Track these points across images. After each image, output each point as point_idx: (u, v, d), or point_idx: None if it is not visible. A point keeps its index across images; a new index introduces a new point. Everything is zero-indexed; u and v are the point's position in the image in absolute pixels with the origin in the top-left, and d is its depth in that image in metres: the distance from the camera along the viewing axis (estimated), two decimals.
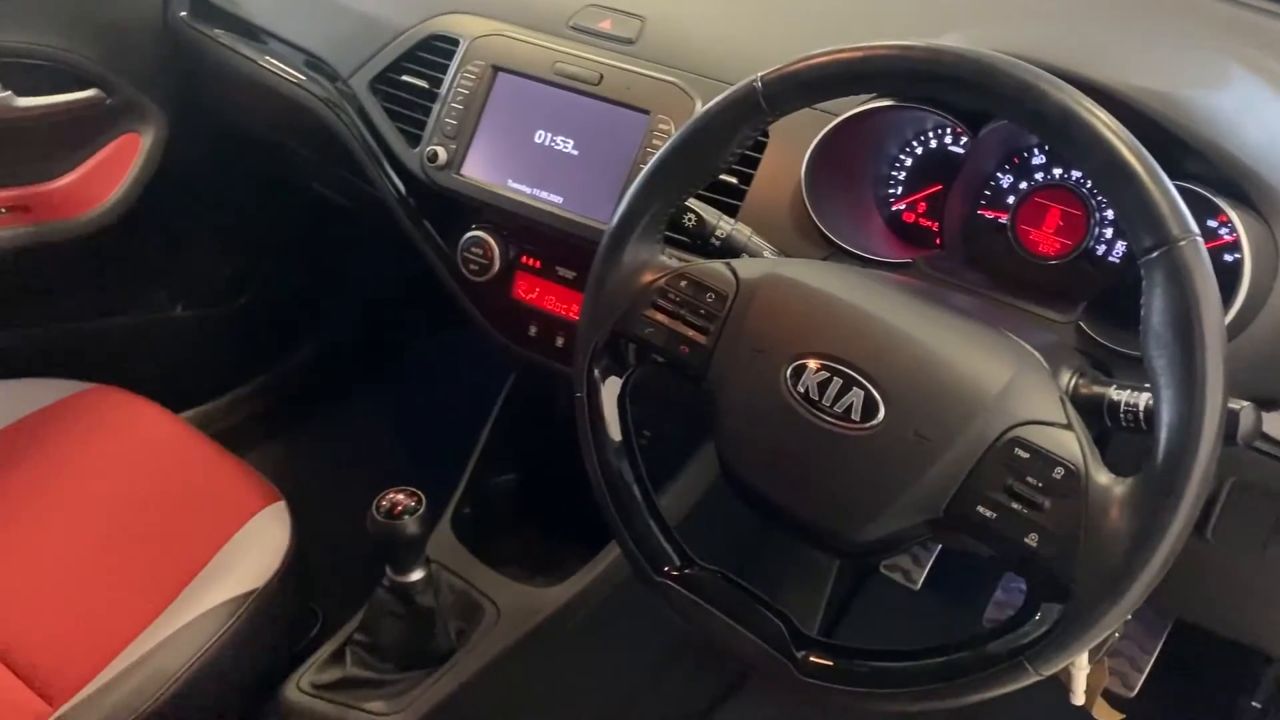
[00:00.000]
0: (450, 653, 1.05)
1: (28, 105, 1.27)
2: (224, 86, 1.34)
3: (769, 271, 0.71)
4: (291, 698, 1.02)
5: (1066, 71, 0.66)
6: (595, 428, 0.77)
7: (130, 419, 1.19)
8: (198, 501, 1.10)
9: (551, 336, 1.07)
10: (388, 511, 0.96)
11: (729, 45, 0.99)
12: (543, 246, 1.06)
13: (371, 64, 1.13)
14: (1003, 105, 0.61)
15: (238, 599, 1.00)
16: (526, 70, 1.03)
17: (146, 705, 0.92)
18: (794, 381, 0.66)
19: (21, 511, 1.08)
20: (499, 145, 1.04)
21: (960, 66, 0.61)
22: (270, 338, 1.74)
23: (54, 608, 1.00)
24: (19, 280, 1.36)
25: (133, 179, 1.39)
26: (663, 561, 0.75)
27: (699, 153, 0.73)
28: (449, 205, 1.07)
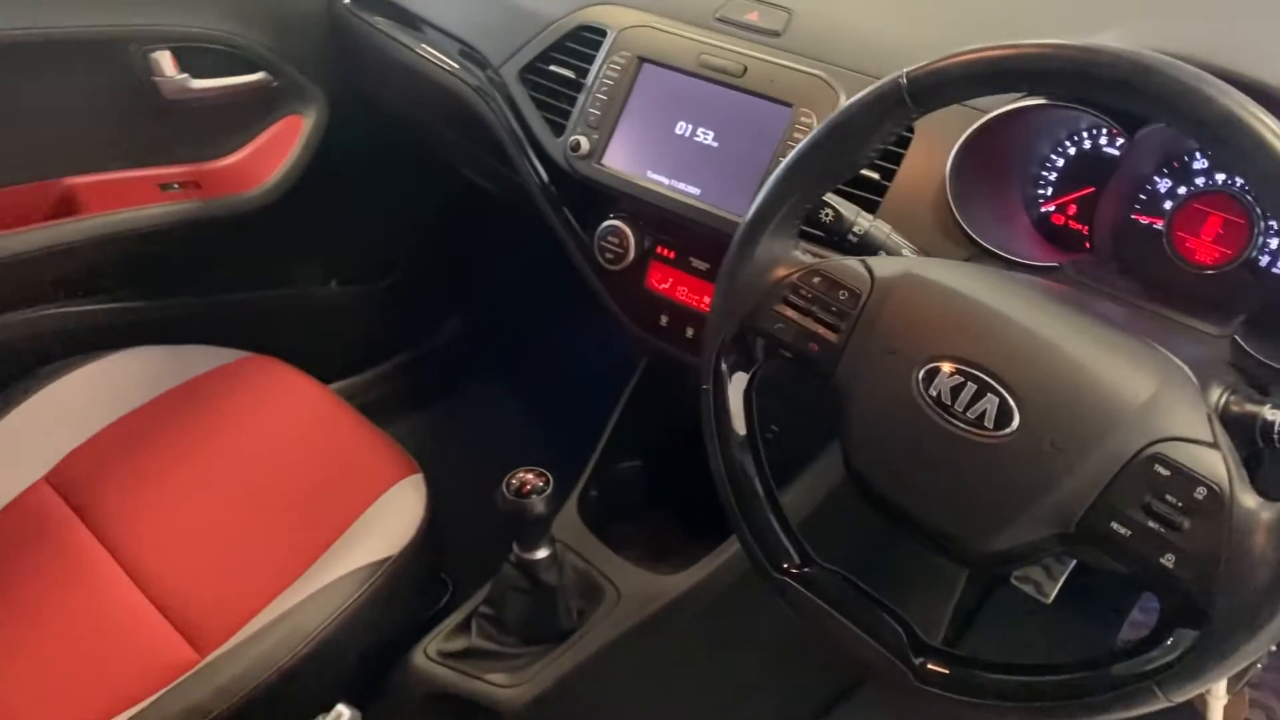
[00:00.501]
0: (570, 631, 1.08)
1: (202, 87, 1.35)
2: (382, 72, 1.40)
3: (906, 270, 0.70)
4: (419, 663, 1.07)
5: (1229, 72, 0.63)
6: (720, 420, 0.77)
7: (283, 388, 1.25)
8: (341, 469, 1.15)
9: (682, 327, 1.08)
10: (517, 490, 0.99)
11: (877, 39, 0.97)
12: (678, 237, 1.07)
13: (521, 53, 1.16)
14: (1161, 108, 0.59)
15: (374, 564, 1.04)
16: (671, 61, 1.04)
17: (284, 659, 0.97)
18: (926, 385, 0.65)
19: (182, 471, 1.15)
20: (640, 136, 1.05)
21: (1116, 67, 0.59)
22: (416, 316, 1.80)
23: (207, 564, 1.06)
24: (188, 251, 1.44)
25: (294, 159, 1.46)
26: (782, 558, 0.75)
27: (839, 147, 0.72)
28: (589, 194, 1.09)
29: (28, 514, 1.11)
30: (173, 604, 1.03)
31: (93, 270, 1.36)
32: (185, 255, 1.45)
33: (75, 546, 1.08)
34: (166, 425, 1.20)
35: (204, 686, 0.95)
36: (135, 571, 1.05)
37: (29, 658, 0.99)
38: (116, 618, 1.02)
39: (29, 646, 1.00)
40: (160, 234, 1.39)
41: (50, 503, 1.12)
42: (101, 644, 1.00)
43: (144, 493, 1.12)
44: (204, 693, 0.94)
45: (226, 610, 1.02)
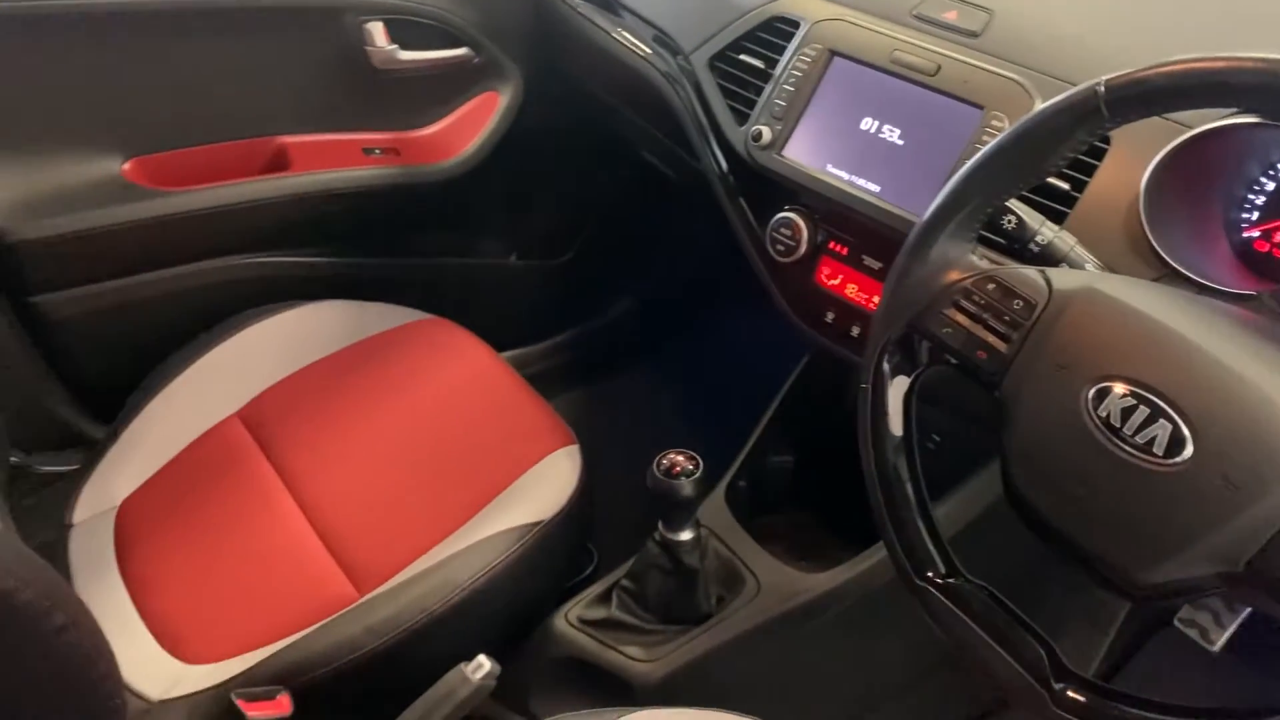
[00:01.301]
0: (707, 615, 1.09)
1: (409, 58, 1.42)
2: (577, 53, 1.43)
3: (1087, 285, 0.67)
4: (559, 626, 1.10)
5: None
6: (876, 421, 0.76)
7: (458, 351, 1.30)
8: (503, 433, 1.19)
9: (848, 325, 1.07)
10: (666, 470, 1.01)
11: (1079, 44, 0.94)
12: (852, 234, 1.05)
13: (713, 41, 1.17)
14: None
15: (525, 527, 1.07)
16: (863, 56, 1.03)
17: (435, 606, 1.01)
18: (1095, 404, 0.63)
19: (359, 419, 1.22)
20: (824, 129, 1.04)
21: None
22: (588, 294, 1.84)
23: (373, 508, 1.12)
24: (383, 214, 1.52)
25: (488, 133, 1.52)
26: (927, 566, 0.74)
27: (1028, 153, 0.70)
28: (766, 184, 1.09)
29: (220, 444, 1.21)
30: (339, 543, 1.10)
31: (295, 225, 1.45)
32: (379, 218, 1.52)
33: (259, 479, 1.16)
34: (348, 375, 1.27)
35: (359, 623, 1.00)
36: (309, 508, 1.13)
37: (208, 577, 1.07)
38: (289, 549, 1.09)
39: (209, 566, 1.08)
40: (359, 196, 1.47)
41: (240, 437, 1.21)
42: (274, 571, 1.07)
43: (323, 436, 1.20)
44: (358, 628, 0.99)
45: (387, 554, 1.07)
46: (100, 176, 1.32)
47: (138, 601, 1.06)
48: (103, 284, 1.35)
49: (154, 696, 0.97)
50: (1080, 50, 0.93)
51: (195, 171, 1.37)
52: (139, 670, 0.99)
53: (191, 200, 1.35)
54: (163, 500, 1.16)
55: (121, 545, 1.11)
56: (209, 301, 1.38)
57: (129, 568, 1.09)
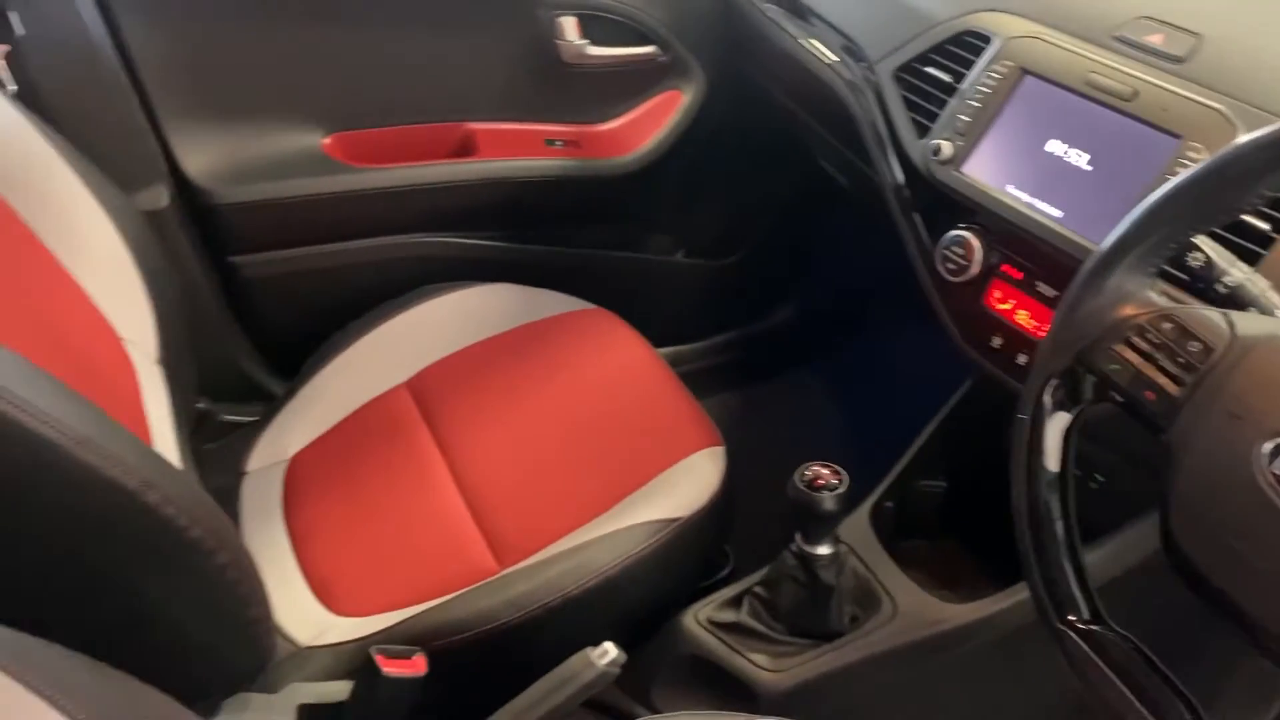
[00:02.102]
0: (839, 633, 1.07)
1: (598, 54, 1.45)
2: (762, 57, 1.43)
3: (1274, 333, 0.63)
4: (688, 625, 1.10)
5: None
6: (1031, 454, 0.73)
7: (617, 342, 1.32)
8: (652, 427, 1.21)
9: (1015, 352, 1.03)
10: (809, 482, 1.00)
11: None
12: (1028, 258, 1.02)
13: (901, 52, 1.15)
14: None
15: (664, 521, 1.08)
16: (1056, 77, 0.99)
17: (570, 588, 1.03)
18: (1270, 460, 0.59)
19: (514, 400, 1.25)
20: (1007, 148, 1.01)
21: None
22: (750, 297, 1.84)
23: (521, 487, 1.15)
24: (558, 204, 1.55)
25: (666, 131, 1.53)
26: (1070, 609, 0.71)
27: (1224, 188, 0.67)
28: (941, 200, 1.06)
29: (386, 411, 1.27)
30: (486, 516, 1.13)
31: (476, 208, 1.50)
32: (555, 207, 1.56)
33: (418, 447, 1.21)
34: (511, 357, 1.31)
35: (498, 595, 1.03)
36: (461, 480, 1.17)
37: (363, 533, 1.13)
38: (439, 517, 1.14)
39: (366, 524, 1.14)
40: (538, 184, 1.51)
41: (405, 406, 1.27)
42: (423, 536, 1.12)
43: (481, 412, 1.24)
44: (496, 601, 1.02)
45: (529, 532, 1.10)
46: (302, 149, 1.40)
47: (298, 550, 1.12)
48: (294, 250, 1.44)
49: (302, 641, 1.03)
50: None
51: (388, 150, 1.44)
52: (291, 615, 1.05)
53: (382, 177, 1.42)
54: (330, 458, 1.22)
55: (289, 496, 1.19)
56: (389, 274, 1.45)
57: (293, 518, 1.16)
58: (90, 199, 1.06)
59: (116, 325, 1.07)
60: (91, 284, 1.05)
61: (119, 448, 0.72)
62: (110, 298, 1.07)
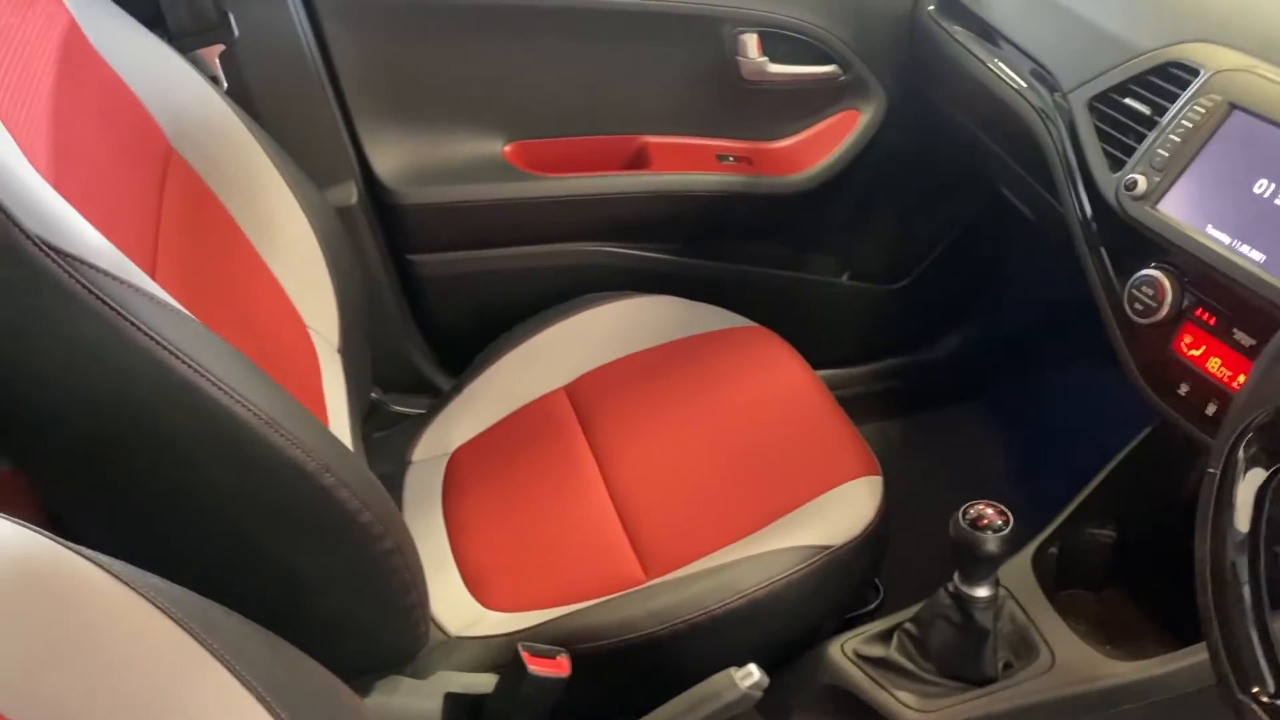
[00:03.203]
0: (991, 679, 1.03)
1: (777, 72, 1.45)
2: (947, 81, 1.40)
3: None
4: (834, 655, 1.08)
5: None
6: (1219, 512, 0.69)
7: (777, 362, 1.32)
8: (808, 451, 1.19)
9: (1203, 401, 0.97)
10: (973, 521, 0.96)
11: None
12: (1225, 303, 0.95)
13: (1097, 81, 1.10)
14: None
15: (814, 548, 1.07)
16: (1268, 113, 0.93)
17: (714, 606, 1.02)
18: None
19: (669, 413, 1.26)
20: (1209, 187, 0.95)
21: None
22: (917, 325, 1.79)
23: (672, 499, 1.16)
24: (726, 220, 1.56)
25: (842, 152, 1.52)
26: (1254, 681, 0.66)
27: None
28: (1131, 237, 1.01)
29: (545, 413, 1.30)
30: (635, 525, 1.14)
31: (644, 220, 1.52)
32: (723, 223, 1.56)
33: (574, 451, 1.23)
34: (669, 369, 1.32)
35: (641, 606, 1.04)
36: (613, 487, 1.18)
37: (516, 531, 1.16)
38: (590, 521, 1.15)
39: (520, 520, 1.17)
40: (708, 200, 1.52)
41: (563, 409, 1.29)
42: (574, 539, 1.14)
43: (636, 422, 1.25)
44: (640, 611, 1.03)
45: (677, 545, 1.10)
46: (483, 155, 1.45)
47: (454, 542, 1.16)
48: (469, 252, 1.49)
49: (453, 631, 1.06)
50: None
51: (564, 160, 1.48)
52: (444, 604, 1.08)
53: (557, 186, 1.46)
54: (490, 454, 1.26)
55: (448, 488, 1.23)
56: (557, 280, 1.48)
57: (451, 510, 1.20)
58: (288, 193, 1.12)
59: (303, 313, 1.14)
60: (283, 273, 1.12)
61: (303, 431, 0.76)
62: (299, 286, 1.13)
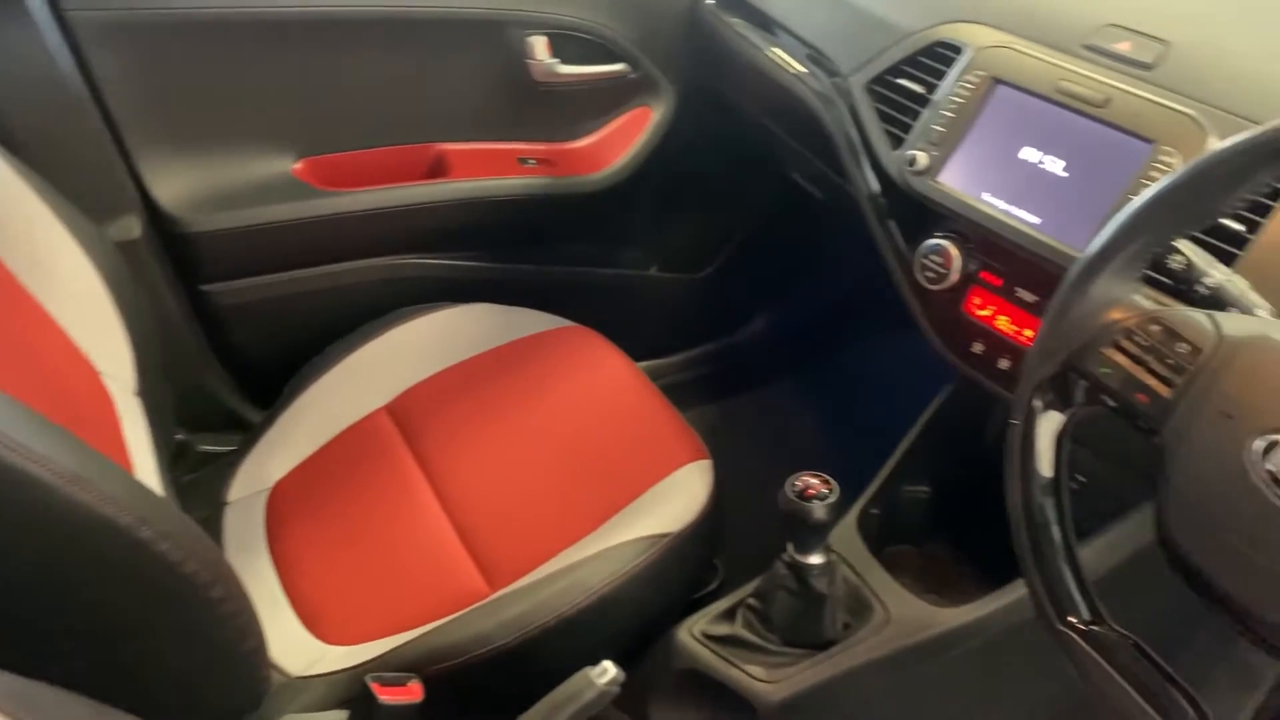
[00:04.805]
0: (833, 641, 1.08)
1: (568, 72, 1.46)
2: (731, 71, 1.44)
3: (1261, 332, 0.64)
4: (682, 639, 1.10)
5: None
6: (1025, 459, 0.74)
7: (598, 359, 1.33)
8: (638, 443, 1.21)
9: (996, 357, 1.05)
10: (800, 492, 1.00)
11: (1262, 82, 0.90)
12: (1007, 265, 1.03)
13: (872, 64, 1.16)
14: None
15: (654, 537, 1.08)
16: (1027, 85, 1.01)
17: (564, 608, 1.03)
18: (1263, 457, 0.60)
19: (496, 421, 1.25)
20: (982, 157, 1.02)
21: None
22: (729, 308, 1.84)
23: (509, 508, 1.15)
24: (532, 223, 1.56)
25: (639, 147, 1.54)
26: (1069, 610, 0.72)
27: (1203, 192, 0.68)
28: (917, 210, 1.07)
29: (367, 436, 1.26)
30: (474, 538, 1.13)
31: (450, 229, 1.50)
32: (529, 226, 1.56)
33: (402, 471, 1.20)
34: (492, 377, 1.30)
35: (491, 619, 1.02)
36: (447, 503, 1.16)
37: (351, 562, 1.12)
38: (427, 541, 1.13)
39: (352, 552, 1.13)
40: (512, 204, 1.51)
41: (386, 430, 1.26)
42: (412, 561, 1.11)
43: (465, 434, 1.23)
44: (490, 624, 1.02)
45: (519, 553, 1.10)
46: (273, 175, 1.39)
47: (284, 580, 1.11)
48: (268, 276, 1.42)
49: (294, 672, 1.02)
50: (1261, 87, 0.89)
51: (360, 173, 1.44)
52: (282, 646, 1.04)
53: (355, 201, 1.41)
54: (312, 485, 1.21)
55: (272, 525, 1.17)
56: (366, 298, 1.44)
57: (278, 547, 1.15)
58: (63, 232, 1.04)
59: (93, 358, 1.06)
60: (67, 318, 1.04)
61: (110, 485, 0.70)
62: (86, 331, 1.05)
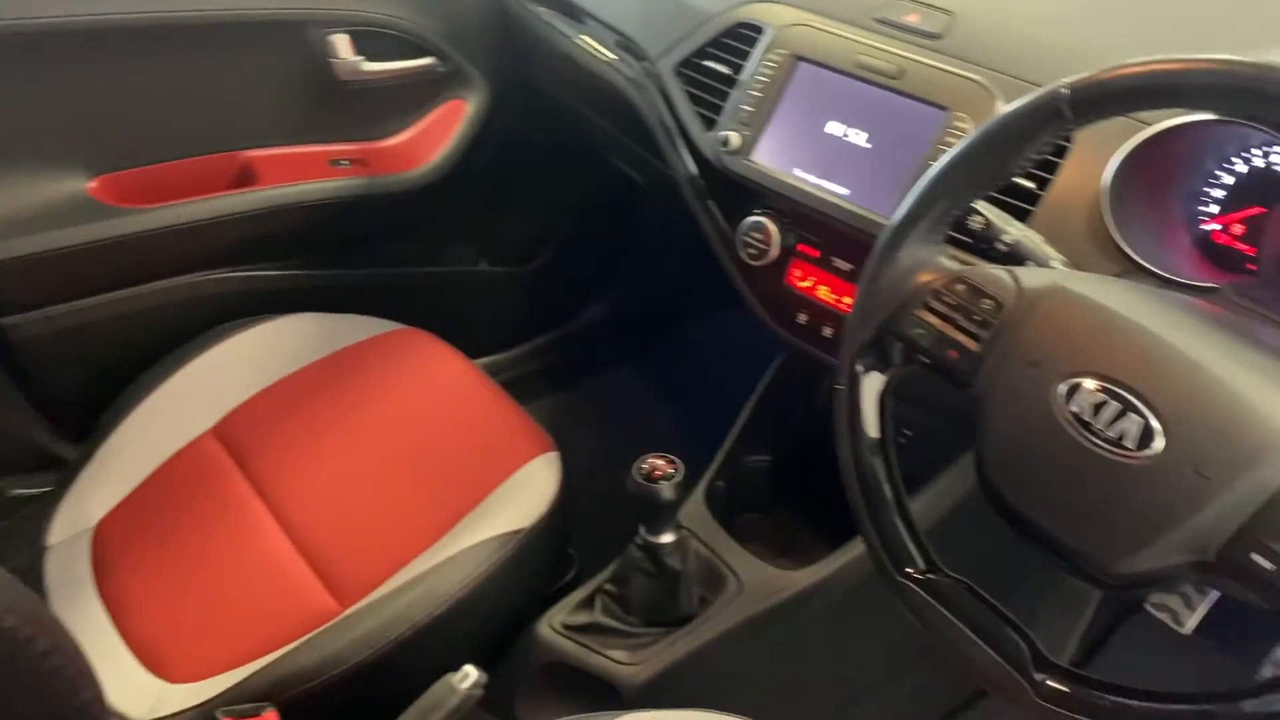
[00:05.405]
0: (691, 616, 1.10)
1: (374, 69, 1.42)
2: (542, 60, 1.44)
3: (1054, 283, 0.69)
4: (543, 633, 1.10)
5: None
6: (852, 422, 0.77)
7: (432, 360, 1.30)
8: (481, 442, 1.20)
9: (820, 326, 1.08)
10: (646, 474, 1.01)
11: (1041, 46, 0.96)
12: (822, 236, 1.07)
13: (679, 47, 1.18)
14: None
15: (506, 535, 1.08)
16: (827, 61, 1.04)
17: (419, 618, 1.01)
18: (1067, 400, 0.64)
19: (334, 432, 1.21)
20: (791, 133, 1.05)
21: None
22: (562, 298, 1.85)
23: (352, 521, 1.12)
24: (352, 226, 1.51)
25: (455, 141, 1.52)
26: (906, 562, 0.75)
27: (993, 155, 0.72)
28: (735, 189, 1.10)
29: (195, 462, 1.20)
30: (319, 557, 1.09)
31: (264, 239, 1.44)
32: (348, 229, 1.51)
33: (235, 496, 1.15)
34: (322, 388, 1.27)
35: (343, 637, 1.00)
36: (287, 524, 1.12)
37: (188, 595, 1.07)
38: (268, 565, 1.09)
39: (189, 585, 1.07)
40: (327, 208, 1.46)
41: (215, 453, 1.21)
42: (254, 588, 1.07)
43: (299, 450, 1.19)
44: (343, 643, 0.99)
45: (368, 567, 1.07)
46: (66, 196, 1.30)
47: (117, 622, 1.05)
48: (72, 304, 1.33)
49: (138, 717, 0.96)
50: (1040, 51, 0.95)
51: (162, 188, 1.36)
52: (122, 692, 0.98)
53: (159, 217, 1.34)
54: (139, 519, 1.15)
55: (99, 566, 1.11)
56: (180, 318, 1.37)
57: (107, 588, 1.08)
58: None
59: None
60: None
61: None
62: None
